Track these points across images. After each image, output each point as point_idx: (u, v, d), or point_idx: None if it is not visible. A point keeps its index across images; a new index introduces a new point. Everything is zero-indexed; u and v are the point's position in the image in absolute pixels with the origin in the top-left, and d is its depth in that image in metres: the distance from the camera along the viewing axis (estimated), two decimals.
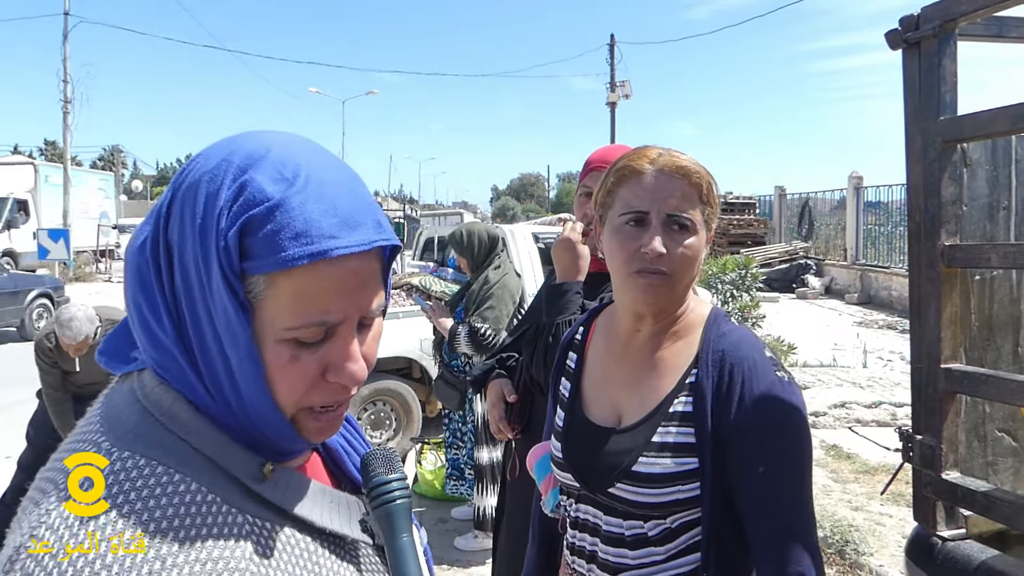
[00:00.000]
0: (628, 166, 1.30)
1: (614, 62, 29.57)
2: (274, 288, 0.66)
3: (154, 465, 0.65)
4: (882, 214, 16.97)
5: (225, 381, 0.69)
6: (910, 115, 2.11)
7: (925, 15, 2.02)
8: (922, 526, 2.17)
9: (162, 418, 0.68)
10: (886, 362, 9.53)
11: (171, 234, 0.68)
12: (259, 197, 0.65)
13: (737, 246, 18.97)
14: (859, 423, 6.55)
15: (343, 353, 0.71)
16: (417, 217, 28.01)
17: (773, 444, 1.20)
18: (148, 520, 0.61)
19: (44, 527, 0.61)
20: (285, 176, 0.67)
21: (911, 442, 2.14)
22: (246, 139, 0.71)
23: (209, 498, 0.65)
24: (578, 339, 1.51)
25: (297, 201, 0.66)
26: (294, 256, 0.65)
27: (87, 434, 0.69)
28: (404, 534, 0.75)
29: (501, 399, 2.31)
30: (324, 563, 0.73)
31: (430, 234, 9.55)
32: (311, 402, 0.72)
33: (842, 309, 15.01)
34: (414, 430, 5.73)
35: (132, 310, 0.71)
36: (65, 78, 22.94)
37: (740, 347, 1.27)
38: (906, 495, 4.56)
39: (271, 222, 0.65)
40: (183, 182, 0.69)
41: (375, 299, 0.73)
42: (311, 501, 0.74)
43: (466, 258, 4.31)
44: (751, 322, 8.00)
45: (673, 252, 1.24)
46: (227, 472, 0.68)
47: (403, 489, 0.78)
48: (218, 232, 0.65)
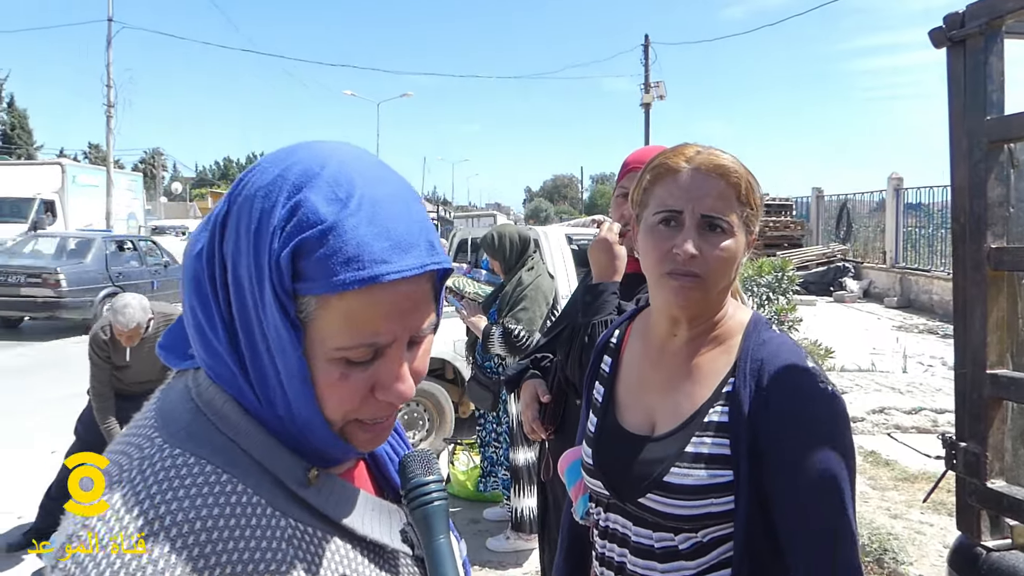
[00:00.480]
0: (664, 163, 1.25)
1: (648, 63, 29.43)
2: (325, 309, 0.67)
3: (203, 464, 0.65)
4: (923, 216, 16.65)
5: (276, 391, 0.70)
6: (955, 115, 2.07)
7: (971, 12, 1.97)
8: (965, 535, 2.12)
9: (213, 418, 0.70)
10: (927, 367, 9.35)
11: (226, 247, 0.69)
12: (312, 219, 0.65)
13: (773, 248, 18.76)
14: (898, 429, 6.43)
15: (392, 373, 0.71)
16: (450, 219, 28.16)
17: (814, 459, 1.12)
18: (194, 519, 0.62)
19: (95, 517, 0.62)
20: (339, 196, 0.66)
21: (954, 449, 2.09)
22: (302, 152, 0.71)
23: (254, 500, 0.66)
24: (613, 342, 1.46)
25: (350, 224, 0.66)
26: (346, 281, 0.65)
27: (142, 428, 0.70)
28: (441, 536, 0.76)
29: (535, 400, 2.31)
30: (364, 571, 0.73)
31: (463, 235, 9.58)
32: (359, 416, 0.72)
33: (881, 313, 14.76)
34: (447, 431, 5.75)
35: (188, 313, 0.73)
36: (108, 83, 23.50)
37: (780, 355, 1.21)
38: (948, 504, 4.47)
39: (324, 246, 0.65)
40: (239, 194, 0.69)
41: (426, 319, 0.73)
42: (354, 509, 0.75)
43: (498, 260, 4.32)
44: (787, 325, 7.89)
45: (707, 254, 1.19)
46: (274, 476, 0.69)
47: (440, 491, 0.78)
48: (271, 252, 0.65)
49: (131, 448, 0.68)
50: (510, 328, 3.91)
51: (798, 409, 1.15)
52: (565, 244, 6.37)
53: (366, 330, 0.68)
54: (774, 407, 1.16)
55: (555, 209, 72.98)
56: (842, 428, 1.17)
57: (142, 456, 0.66)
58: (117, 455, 0.68)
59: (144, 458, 0.66)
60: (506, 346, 3.91)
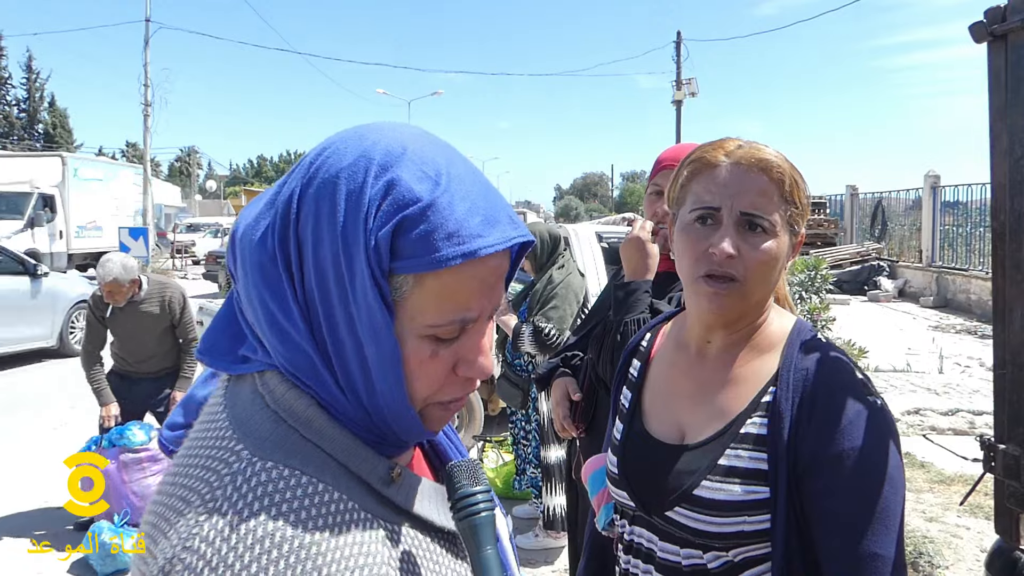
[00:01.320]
0: (702, 158, 1.18)
1: (680, 60, 29.22)
2: (420, 287, 0.67)
3: (298, 475, 0.65)
4: (960, 214, 16.34)
5: (359, 377, 0.69)
6: (995, 111, 2.03)
7: (1013, 6, 1.94)
8: (1003, 539, 2.09)
9: (296, 424, 0.69)
10: (963, 368, 9.18)
11: (303, 231, 0.67)
12: (409, 197, 0.65)
13: (806, 247, 18.53)
14: (934, 431, 6.32)
15: (476, 348, 0.72)
16: None
17: (863, 480, 1.04)
18: (301, 531, 0.61)
19: (198, 539, 0.60)
20: (429, 175, 0.67)
21: (993, 451, 2.06)
22: (376, 134, 0.70)
23: (350, 505, 0.66)
24: (643, 346, 1.39)
25: (445, 201, 0.66)
26: (449, 256, 0.65)
27: (220, 440, 0.68)
28: (488, 547, 0.75)
29: (566, 398, 2.31)
30: (443, 561, 0.75)
31: None
32: (441, 396, 0.73)
33: (916, 312, 14.52)
34: (476, 428, 5.77)
35: (257, 307, 0.70)
36: (146, 82, 23.81)
37: (826, 366, 1.12)
38: (985, 507, 4.39)
39: (424, 222, 0.65)
40: (315, 177, 0.68)
41: (502, 294, 0.74)
42: (428, 500, 0.76)
43: (529, 259, 4.31)
44: (821, 325, 7.80)
45: (746, 255, 1.11)
46: (359, 477, 0.69)
47: (488, 501, 0.77)
48: (367, 231, 0.65)
49: (216, 463, 0.66)
50: (540, 326, 3.91)
51: (845, 425, 1.06)
52: (595, 242, 6.35)
53: (459, 306, 0.68)
54: (820, 422, 1.07)
55: (585, 207, 72.76)
56: (893, 445, 1.08)
57: (232, 472, 0.64)
58: (200, 470, 0.66)
59: (236, 473, 0.64)
60: (536, 344, 3.91)
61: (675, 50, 29.36)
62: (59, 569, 3.95)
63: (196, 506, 0.62)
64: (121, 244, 17.58)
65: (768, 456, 1.09)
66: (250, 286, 0.70)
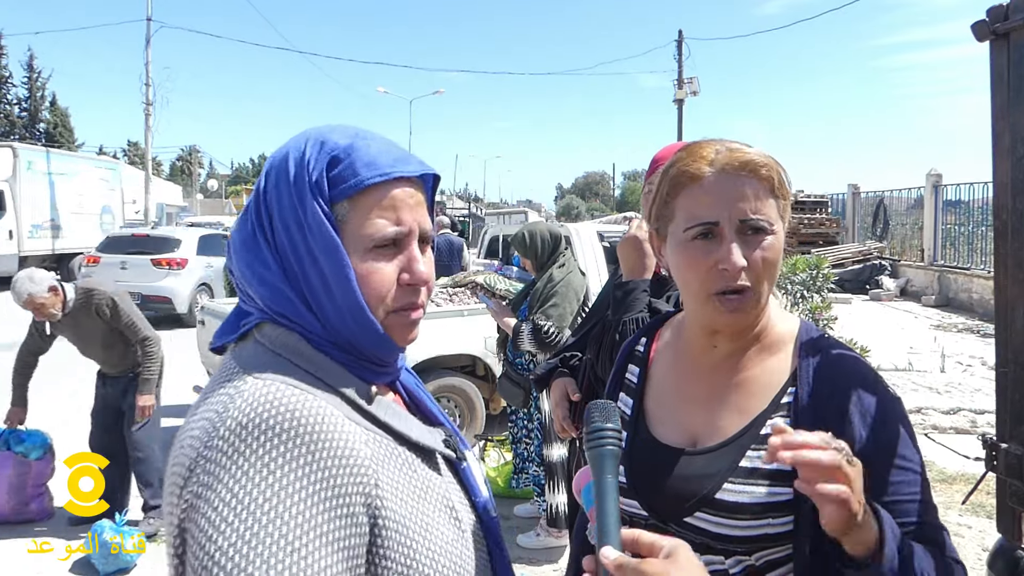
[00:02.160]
0: (683, 171, 1.13)
1: (682, 59, 29.20)
2: (355, 210, 0.89)
3: (294, 389, 0.83)
4: (962, 213, 16.31)
5: (324, 297, 0.89)
6: (997, 110, 2.03)
7: (1015, 5, 1.94)
8: (1005, 538, 2.09)
9: (289, 356, 0.88)
10: (965, 367, 9.17)
11: (269, 198, 0.90)
12: (334, 145, 0.90)
13: (808, 246, 18.53)
14: (936, 429, 6.32)
15: (413, 257, 0.93)
16: (482, 216, 28.18)
17: (895, 470, 1.05)
18: (299, 426, 0.79)
19: (216, 437, 0.79)
20: (349, 134, 0.92)
21: (995, 450, 2.06)
22: (312, 128, 0.94)
23: (336, 413, 0.84)
24: (639, 351, 1.36)
25: (363, 145, 0.91)
26: (369, 176, 0.89)
27: (231, 377, 0.86)
28: (609, 475, 0.88)
29: (565, 398, 2.31)
30: (418, 470, 0.93)
31: (495, 232, 9.60)
32: (395, 305, 0.93)
33: (918, 312, 14.50)
34: (478, 427, 5.77)
35: (245, 272, 0.92)
36: (147, 81, 23.84)
37: (843, 363, 1.12)
38: (987, 506, 4.39)
39: (347, 158, 0.90)
40: (273, 161, 0.92)
41: (427, 221, 0.96)
42: (406, 422, 0.95)
43: (530, 259, 4.31)
44: (822, 324, 7.79)
45: (754, 261, 1.09)
46: (345, 395, 0.88)
47: (615, 438, 0.91)
48: (309, 174, 0.88)
49: (230, 388, 0.84)
50: (540, 324, 3.91)
51: (873, 420, 1.06)
52: (597, 241, 6.36)
53: (389, 219, 0.90)
54: (845, 419, 1.07)
55: (587, 206, 72.74)
56: (912, 431, 1.10)
57: (241, 392, 0.82)
58: (219, 396, 0.84)
59: (247, 390, 0.82)
60: (536, 342, 3.91)
61: (676, 49, 29.34)
62: (59, 569, 3.95)
63: (215, 420, 0.80)
64: None
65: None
66: (240, 261, 0.92)
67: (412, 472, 0.91)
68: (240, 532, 0.74)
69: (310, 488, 0.77)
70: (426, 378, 5.55)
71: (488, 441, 5.46)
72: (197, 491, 0.77)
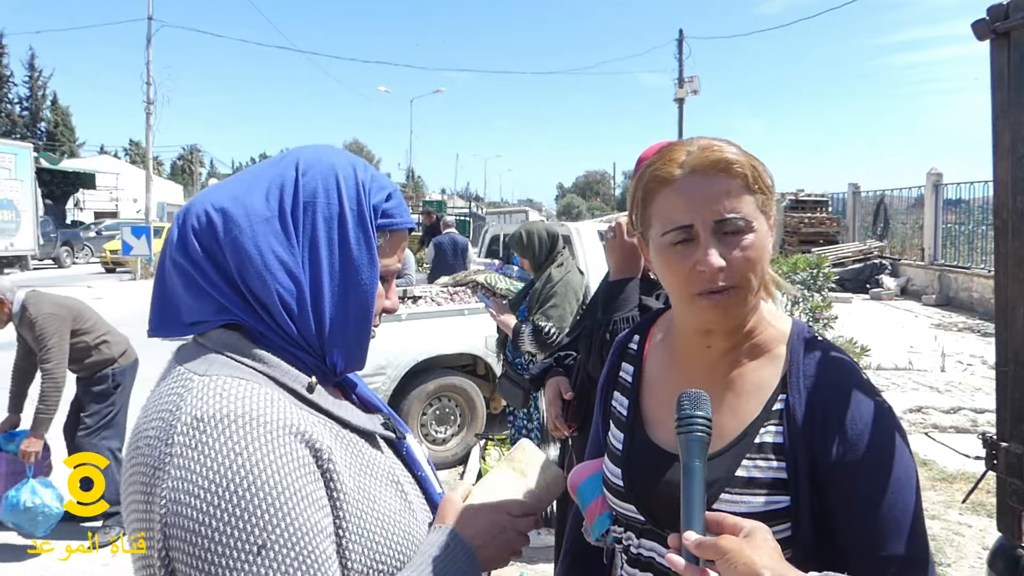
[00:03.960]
0: (654, 176, 1.12)
1: (682, 57, 29.20)
2: (387, 243, 1.05)
3: (239, 380, 0.90)
4: (963, 212, 16.30)
5: (338, 303, 0.99)
6: (998, 109, 2.03)
7: (1016, 3, 1.93)
8: (1006, 537, 2.09)
9: (231, 353, 0.94)
10: (966, 366, 9.17)
11: (311, 201, 0.98)
12: (388, 183, 1.06)
13: (808, 245, 18.54)
14: (936, 428, 6.32)
15: (392, 289, 1.11)
16: (482, 215, 28.20)
17: (888, 480, 1.03)
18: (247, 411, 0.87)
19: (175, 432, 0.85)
20: (387, 177, 1.11)
21: (995, 449, 2.06)
22: (337, 150, 1.08)
23: (282, 398, 0.92)
24: (632, 348, 1.34)
25: (398, 190, 1.08)
26: (406, 221, 1.08)
27: (178, 377, 0.92)
28: (696, 460, 0.93)
29: (558, 397, 2.31)
30: (363, 450, 1.01)
31: (495, 232, 9.63)
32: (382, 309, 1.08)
33: (918, 311, 14.50)
34: (478, 426, 5.77)
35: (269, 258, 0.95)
36: (148, 80, 23.84)
37: (834, 369, 1.10)
38: (987, 505, 4.39)
39: (396, 198, 1.06)
40: (309, 173, 1.00)
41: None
42: (345, 409, 1.02)
43: (528, 258, 4.30)
44: (822, 323, 7.78)
45: (733, 260, 1.07)
46: (286, 386, 0.95)
47: (703, 426, 0.95)
48: (368, 198, 1.02)
49: (179, 388, 0.90)
50: (540, 325, 3.91)
51: (861, 429, 1.05)
52: (597, 240, 6.35)
53: (398, 256, 1.09)
54: (834, 427, 1.06)
55: (587, 205, 72.75)
56: (906, 445, 1.07)
57: (190, 389, 0.88)
58: (171, 395, 0.89)
59: (195, 387, 0.89)
60: (536, 343, 3.90)
61: (677, 48, 29.35)
62: (59, 569, 3.96)
63: (169, 419, 0.86)
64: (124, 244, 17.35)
65: (787, 464, 1.07)
66: (262, 242, 0.95)
67: (358, 452, 0.99)
68: (230, 511, 0.81)
69: (277, 460, 0.84)
70: (426, 377, 5.55)
71: (488, 440, 5.46)
72: (175, 486, 0.82)
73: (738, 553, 0.87)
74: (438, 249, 10.14)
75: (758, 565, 0.86)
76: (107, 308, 8.32)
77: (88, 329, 4.33)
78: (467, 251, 10.39)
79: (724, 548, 0.87)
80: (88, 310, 4.44)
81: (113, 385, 4.40)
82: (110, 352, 4.38)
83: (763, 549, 0.88)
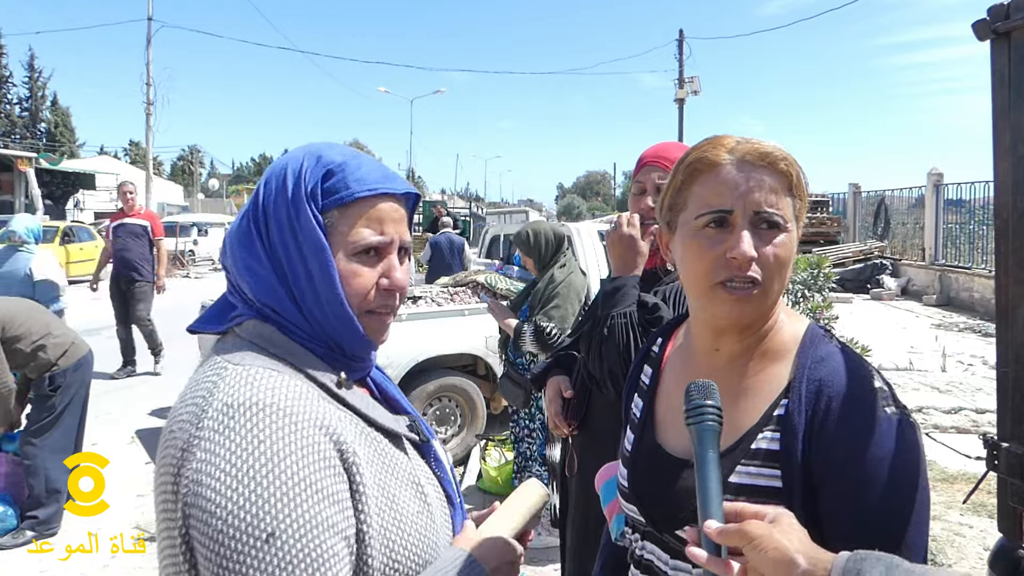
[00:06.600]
0: (702, 158, 1.10)
1: (683, 58, 29.18)
2: (344, 218, 1.01)
3: (269, 372, 0.94)
4: (963, 212, 16.28)
5: (309, 292, 1.00)
6: (998, 109, 2.03)
7: (1016, 4, 1.93)
8: (1007, 538, 2.08)
9: (266, 345, 0.99)
10: (967, 366, 9.16)
11: (267, 201, 1.01)
12: (331, 160, 1.02)
13: (809, 245, 18.51)
14: (937, 429, 6.31)
15: (392, 265, 1.06)
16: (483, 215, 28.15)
17: (877, 496, 0.97)
18: (275, 400, 0.90)
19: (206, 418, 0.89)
20: (343, 153, 1.04)
21: (996, 450, 2.06)
22: (309, 144, 1.05)
23: (311, 390, 0.95)
24: (655, 351, 1.32)
25: (354, 163, 1.03)
26: (357, 190, 1.01)
27: (213, 367, 0.96)
28: (710, 450, 0.92)
29: (558, 395, 2.31)
30: (387, 450, 1.03)
31: (496, 232, 9.60)
32: (370, 305, 1.04)
33: (919, 311, 14.48)
34: (479, 426, 5.77)
35: (239, 265, 1.02)
36: (148, 81, 23.85)
37: (840, 375, 1.05)
38: (988, 505, 4.39)
39: (339, 173, 1.02)
40: (271, 173, 1.03)
41: (407, 234, 1.08)
42: (373, 408, 1.05)
43: (533, 258, 4.30)
44: (823, 323, 7.78)
45: (764, 255, 1.05)
46: (316, 379, 0.98)
47: (714, 415, 0.95)
48: (304, 182, 1.00)
49: (214, 376, 0.94)
50: (542, 326, 3.90)
51: (858, 440, 1.00)
52: (598, 241, 6.35)
53: (373, 229, 1.02)
54: (830, 436, 1.01)
55: (588, 205, 72.69)
56: (914, 462, 1.00)
57: (223, 378, 0.92)
58: (206, 383, 0.93)
59: (228, 376, 0.93)
60: (538, 344, 3.90)
61: (677, 48, 29.33)
62: (59, 569, 3.95)
63: (202, 404, 0.90)
64: None
65: (782, 473, 1.03)
66: (234, 256, 1.03)
67: (381, 451, 1.01)
68: (246, 496, 0.83)
69: (299, 452, 0.87)
70: (427, 377, 5.55)
71: (489, 440, 5.45)
72: (198, 467, 0.85)
73: (767, 538, 0.84)
74: (435, 249, 10.16)
75: (791, 550, 0.83)
76: (107, 308, 8.36)
77: (22, 335, 4.13)
78: (464, 250, 10.39)
79: (752, 534, 0.83)
80: (21, 314, 4.24)
81: (51, 388, 4.25)
82: (47, 356, 4.21)
83: (792, 533, 0.86)
